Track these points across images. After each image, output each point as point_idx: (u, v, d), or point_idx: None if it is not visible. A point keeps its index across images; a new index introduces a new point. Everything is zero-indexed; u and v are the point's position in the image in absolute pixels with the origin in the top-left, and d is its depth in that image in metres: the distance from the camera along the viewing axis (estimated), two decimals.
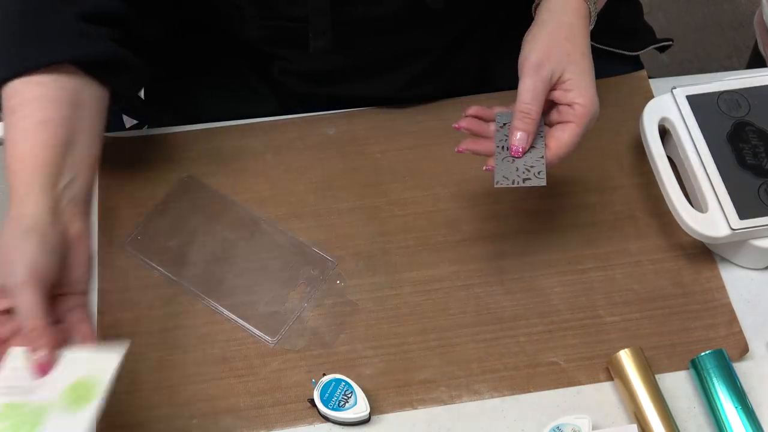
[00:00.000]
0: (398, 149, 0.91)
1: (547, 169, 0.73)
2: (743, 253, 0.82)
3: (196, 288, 0.82)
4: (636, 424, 0.73)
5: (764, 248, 0.81)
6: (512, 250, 0.85)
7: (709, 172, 0.82)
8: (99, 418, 0.75)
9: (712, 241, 0.81)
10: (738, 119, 0.85)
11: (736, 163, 0.82)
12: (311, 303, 0.81)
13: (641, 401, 0.74)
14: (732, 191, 0.81)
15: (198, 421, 0.76)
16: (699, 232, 0.80)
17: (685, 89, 0.87)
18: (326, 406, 0.74)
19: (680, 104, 0.86)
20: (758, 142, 0.84)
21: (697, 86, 0.87)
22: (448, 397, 0.77)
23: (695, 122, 0.85)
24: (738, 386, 0.74)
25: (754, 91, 0.87)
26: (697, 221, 0.80)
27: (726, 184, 0.81)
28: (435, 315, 0.81)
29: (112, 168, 0.89)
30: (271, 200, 0.88)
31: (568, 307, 0.82)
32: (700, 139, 0.84)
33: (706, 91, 0.87)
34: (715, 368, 0.75)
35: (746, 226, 0.79)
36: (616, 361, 0.76)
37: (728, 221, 0.79)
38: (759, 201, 0.80)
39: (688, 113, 0.85)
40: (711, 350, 0.76)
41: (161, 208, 0.87)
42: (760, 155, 0.83)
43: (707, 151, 0.83)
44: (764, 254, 0.82)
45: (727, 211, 0.80)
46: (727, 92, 0.87)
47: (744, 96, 0.87)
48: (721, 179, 0.81)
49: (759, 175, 0.82)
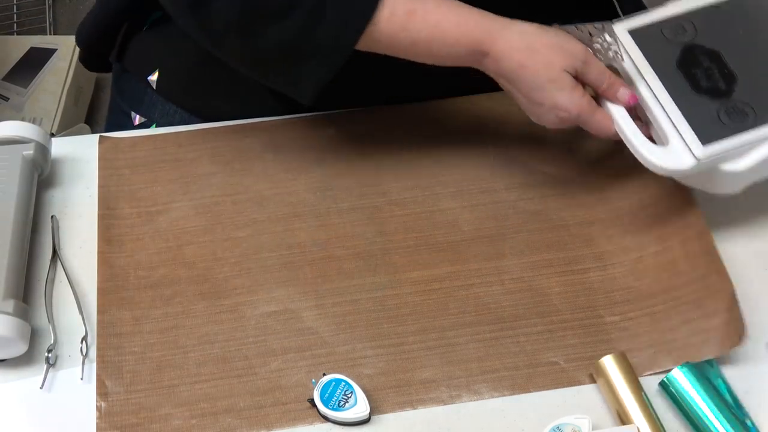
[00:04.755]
0: (398, 149, 0.91)
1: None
2: (716, 180, 0.79)
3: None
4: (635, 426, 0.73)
5: (735, 171, 0.77)
6: (512, 250, 0.85)
7: (663, 104, 0.78)
8: (99, 418, 0.75)
9: (680, 175, 0.78)
10: (686, 44, 0.81)
11: (690, 89, 0.79)
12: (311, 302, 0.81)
13: (627, 407, 0.74)
14: (691, 119, 0.77)
15: (198, 421, 0.76)
16: (664, 168, 0.76)
17: (625, 24, 0.83)
18: (326, 406, 0.74)
19: (622, 41, 0.82)
20: (710, 64, 0.80)
21: (637, 19, 0.83)
22: (448, 397, 0.77)
23: (641, 55, 0.81)
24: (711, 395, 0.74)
25: (699, 13, 0.83)
26: (660, 157, 0.76)
27: (683, 112, 0.78)
28: (435, 315, 0.81)
29: (112, 168, 0.89)
30: (271, 200, 0.88)
31: (568, 307, 0.82)
32: (649, 72, 0.80)
33: (647, 22, 0.83)
34: (682, 389, 0.74)
35: (711, 152, 0.76)
36: (599, 368, 0.76)
37: (692, 151, 0.76)
38: (720, 123, 0.77)
39: (633, 48, 0.81)
40: (678, 366, 0.75)
41: None
42: (714, 77, 0.79)
43: (658, 82, 0.79)
44: (736, 177, 0.78)
45: (689, 140, 0.76)
46: (670, 19, 0.83)
47: (688, 20, 0.82)
48: (677, 108, 0.78)
49: (716, 96, 0.78)
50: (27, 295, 0.81)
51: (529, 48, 0.76)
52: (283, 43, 0.76)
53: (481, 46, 0.77)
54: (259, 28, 0.75)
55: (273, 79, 0.81)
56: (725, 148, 0.76)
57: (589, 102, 0.78)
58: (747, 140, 0.77)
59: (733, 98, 0.79)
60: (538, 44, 0.76)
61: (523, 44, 0.76)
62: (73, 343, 0.79)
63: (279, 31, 0.75)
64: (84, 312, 0.81)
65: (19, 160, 0.84)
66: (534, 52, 0.76)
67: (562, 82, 0.76)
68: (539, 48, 0.76)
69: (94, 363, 0.78)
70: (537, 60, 0.76)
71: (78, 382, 0.77)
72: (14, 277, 0.79)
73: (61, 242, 0.85)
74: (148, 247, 0.85)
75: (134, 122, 0.99)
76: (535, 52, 0.76)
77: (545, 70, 0.76)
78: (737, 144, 0.77)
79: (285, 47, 0.76)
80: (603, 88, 0.79)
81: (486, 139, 0.92)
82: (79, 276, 0.83)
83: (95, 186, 0.89)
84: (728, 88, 0.79)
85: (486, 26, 0.77)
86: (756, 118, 0.77)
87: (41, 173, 0.88)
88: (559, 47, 0.77)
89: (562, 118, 0.78)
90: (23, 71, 1.77)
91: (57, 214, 0.87)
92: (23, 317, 0.77)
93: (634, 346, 0.79)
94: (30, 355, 0.78)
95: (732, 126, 0.77)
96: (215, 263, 0.84)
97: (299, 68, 0.78)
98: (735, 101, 0.78)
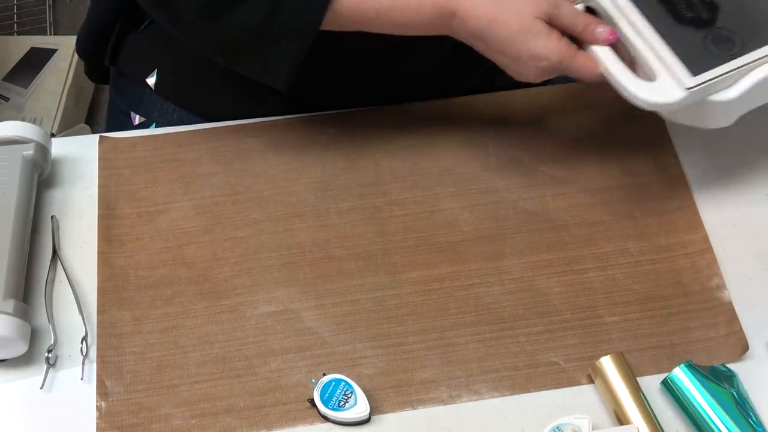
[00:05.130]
0: (398, 149, 0.91)
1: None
2: (707, 113, 0.77)
3: None
4: (635, 426, 0.73)
5: (726, 100, 0.75)
6: (512, 250, 0.85)
7: (647, 38, 0.76)
8: (99, 418, 0.75)
9: (670, 108, 0.76)
10: None
11: (672, 21, 0.77)
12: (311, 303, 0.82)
13: (625, 408, 0.74)
14: (677, 50, 0.75)
15: (198, 421, 0.76)
16: (654, 102, 0.74)
17: None
18: (326, 406, 0.74)
19: None
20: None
21: None
22: (448, 397, 0.77)
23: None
24: (715, 394, 0.74)
25: None
26: (649, 92, 0.74)
27: (668, 44, 0.76)
28: (435, 315, 0.81)
29: (112, 168, 0.89)
30: (271, 200, 0.88)
31: (568, 307, 0.82)
32: (629, 7, 0.78)
33: None
34: (684, 388, 0.74)
35: (700, 81, 0.74)
36: (598, 368, 0.76)
37: (681, 82, 0.74)
38: (707, 52, 0.75)
39: None
40: (680, 366, 0.75)
41: None
42: (696, 6, 0.77)
43: (640, 17, 0.77)
44: (727, 107, 0.77)
45: (677, 72, 0.74)
46: None
47: None
48: (661, 41, 0.76)
49: (700, 26, 0.77)
50: (27, 295, 0.81)
51: (495, 1, 0.75)
52: (250, 26, 0.76)
53: (446, 7, 0.75)
54: (225, 13, 0.76)
55: (248, 66, 0.81)
56: (714, 76, 0.74)
57: (568, 46, 0.76)
58: (735, 67, 0.75)
59: (716, 27, 0.77)
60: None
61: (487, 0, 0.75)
62: (73, 343, 0.79)
63: (244, 14, 0.76)
64: (84, 312, 0.81)
65: (19, 160, 0.84)
66: (501, 3, 0.75)
67: (535, 29, 0.75)
68: (505, 0, 0.75)
69: (94, 363, 0.78)
70: (506, 11, 0.74)
71: (78, 382, 0.78)
72: (14, 277, 0.79)
73: (61, 242, 0.85)
74: (148, 247, 0.85)
75: (134, 122, 0.99)
76: (502, 3, 0.75)
77: (516, 21, 0.74)
78: (725, 71, 0.74)
79: (253, 30, 0.76)
80: (579, 29, 0.77)
81: (486, 139, 0.92)
82: (79, 276, 0.83)
83: (95, 186, 0.89)
84: (711, 17, 0.77)
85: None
86: (743, 45, 0.76)
87: (41, 173, 0.88)
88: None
89: (543, 68, 0.76)
90: (23, 71, 1.77)
91: (57, 214, 0.87)
92: (23, 317, 0.77)
93: (635, 347, 0.79)
94: (30, 355, 0.79)
95: (719, 54, 0.75)
96: (215, 263, 0.84)
97: (269, 52, 0.78)
98: (719, 29, 0.76)
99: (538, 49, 0.75)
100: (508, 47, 0.75)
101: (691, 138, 0.92)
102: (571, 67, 0.77)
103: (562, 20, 0.76)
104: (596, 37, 0.77)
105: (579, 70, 0.77)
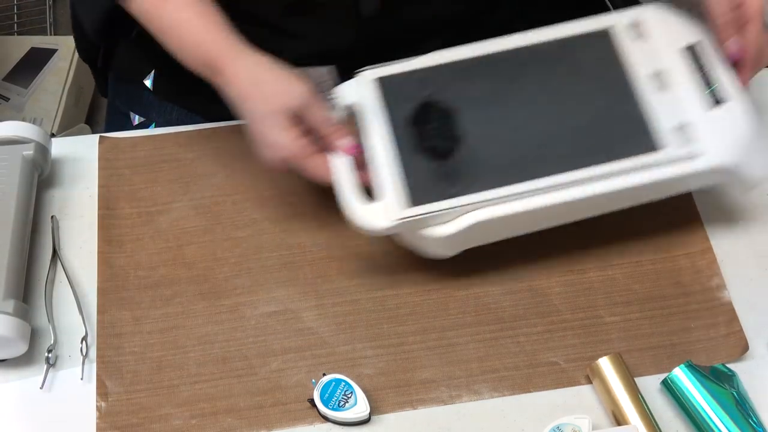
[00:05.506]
0: None
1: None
2: (423, 243, 0.77)
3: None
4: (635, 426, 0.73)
5: (438, 236, 0.75)
6: (512, 250, 0.85)
7: (384, 159, 0.76)
8: (99, 418, 0.75)
9: (379, 234, 0.75)
10: (425, 99, 0.78)
11: (415, 146, 0.76)
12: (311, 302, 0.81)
13: (623, 409, 0.74)
14: (407, 177, 0.75)
15: (198, 421, 0.76)
16: (361, 226, 0.75)
17: (375, 71, 0.80)
18: (326, 406, 0.74)
19: (367, 88, 0.79)
20: (441, 123, 0.78)
21: (388, 68, 0.80)
22: (448, 397, 0.77)
23: (380, 105, 0.78)
24: (715, 395, 0.74)
25: (444, 69, 0.80)
26: (361, 215, 0.74)
27: (402, 169, 0.75)
28: (435, 315, 0.81)
29: (112, 168, 0.89)
30: (271, 200, 0.88)
31: (568, 307, 0.82)
32: (381, 123, 0.77)
33: (396, 71, 0.80)
34: (684, 388, 0.74)
35: (411, 214, 0.73)
36: (595, 369, 0.76)
37: (394, 211, 0.74)
38: (433, 185, 0.75)
39: (375, 97, 0.79)
40: (680, 366, 0.75)
41: None
42: (441, 136, 0.77)
43: (387, 135, 0.77)
44: (442, 242, 0.76)
45: (394, 200, 0.74)
46: (416, 71, 0.80)
47: (437, 74, 0.80)
48: (395, 165, 0.75)
49: (436, 157, 0.76)
50: (27, 295, 0.82)
51: (254, 80, 0.77)
52: None
53: (216, 65, 0.78)
54: None
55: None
56: (426, 212, 0.74)
57: (302, 146, 0.76)
58: (450, 206, 0.74)
59: (451, 161, 0.76)
60: (263, 77, 0.76)
61: (249, 75, 0.77)
62: (73, 343, 0.79)
63: None
64: (84, 312, 0.81)
65: (19, 160, 0.84)
66: (257, 85, 0.76)
67: (274, 120, 0.76)
68: (263, 82, 0.76)
69: (94, 363, 0.78)
70: (258, 92, 0.76)
71: (78, 382, 0.78)
72: (14, 277, 0.79)
73: (61, 242, 0.86)
74: (148, 247, 0.85)
75: (133, 122, 0.99)
76: (258, 85, 0.76)
77: (262, 105, 0.76)
78: (439, 209, 0.74)
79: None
80: (323, 134, 0.78)
81: None
82: (79, 276, 0.83)
83: (95, 186, 0.89)
84: (449, 150, 0.77)
85: (222, 47, 0.78)
86: (467, 185, 0.75)
87: (41, 173, 0.88)
88: (283, 85, 0.76)
89: (274, 157, 0.77)
90: (24, 71, 1.77)
91: (57, 214, 0.87)
92: (23, 317, 0.77)
93: (634, 347, 0.79)
94: (30, 355, 0.79)
95: (441, 190, 0.75)
96: (215, 263, 0.84)
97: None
98: (452, 165, 0.76)
99: (272, 139, 0.76)
100: (253, 125, 0.78)
101: None
102: (302, 166, 0.77)
103: (311, 120, 0.77)
104: (337, 146, 0.77)
105: (311, 172, 0.78)
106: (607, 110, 0.78)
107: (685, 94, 0.79)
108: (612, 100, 0.79)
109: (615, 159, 0.76)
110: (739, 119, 0.78)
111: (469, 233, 0.76)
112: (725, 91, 0.78)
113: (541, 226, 0.79)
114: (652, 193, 0.79)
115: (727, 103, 0.78)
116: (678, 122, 0.77)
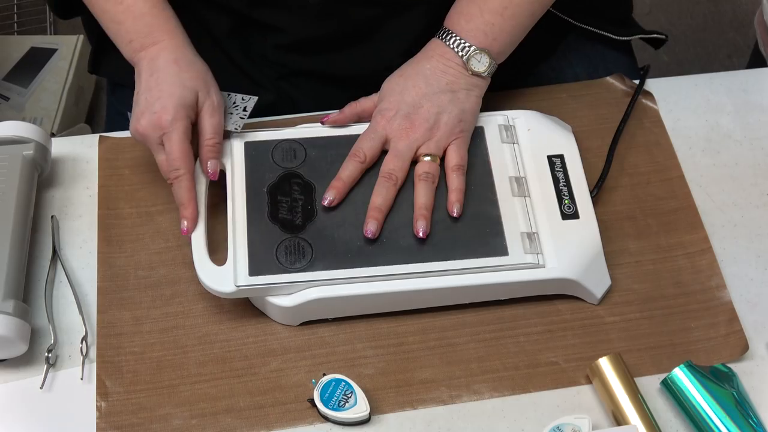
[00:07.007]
0: None
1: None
2: (270, 310, 0.79)
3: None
4: (635, 425, 0.73)
5: (281, 306, 0.77)
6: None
7: (235, 223, 0.78)
8: (99, 418, 0.75)
9: (222, 295, 0.77)
10: (288, 170, 0.82)
11: (266, 216, 0.79)
12: None
13: (623, 409, 0.74)
14: (254, 245, 0.77)
15: (198, 421, 0.76)
16: (208, 287, 0.76)
17: (246, 136, 0.83)
18: (326, 406, 0.74)
19: (235, 151, 0.83)
20: (298, 196, 0.80)
21: (258, 133, 0.84)
22: (448, 397, 0.77)
23: (243, 170, 0.81)
24: (715, 395, 0.74)
25: (312, 142, 0.84)
26: (209, 276, 0.76)
27: (248, 237, 0.78)
28: (435, 315, 0.81)
29: (112, 168, 0.89)
30: None
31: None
32: (241, 187, 0.80)
33: (264, 138, 0.83)
34: (684, 388, 0.74)
35: (250, 283, 0.76)
36: (595, 369, 0.76)
37: (236, 277, 0.76)
38: (279, 256, 0.77)
39: (240, 160, 0.82)
40: (680, 366, 0.75)
41: None
42: (294, 209, 0.79)
43: (244, 200, 0.80)
44: (286, 312, 0.78)
45: (238, 266, 0.76)
46: (286, 141, 0.83)
47: (303, 146, 0.83)
48: (245, 231, 0.78)
49: (287, 229, 0.78)
50: (27, 295, 0.82)
51: (151, 70, 0.82)
52: None
53: (143, 46, 0.83)
54: None
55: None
56: (264, 283, 0.76)
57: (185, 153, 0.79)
58: (288, 281, 0.76)
59: (300, 235, 0.78)
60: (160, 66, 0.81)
61: (150, 67, 0.82)
62: (73, 343, 0.79)
63: None
64: (84, 312, 0.81)
65: (19, 160, 0.84)
66: (153, 90, 0.81)
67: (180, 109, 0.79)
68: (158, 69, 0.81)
69: (94, 363, 0.78)
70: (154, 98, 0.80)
71: (78, 382, 0.78)
72: (14, 277, 0.79)
73: (61, 242, 0.86)
74: (148, 247, 0.85)
75: None
76: (157, 90, 0.80)
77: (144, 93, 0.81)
78: (276, 282, 0.76)
79: None
80: (203, 141, 0.81)
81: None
82: (79, 276, 0.83)
83: (95, 186, 0.89)
84: (300, 225, 0.79)
85: (149, 34, 0.82)
86: (311, 263, 0.77)
87: (41, 173, 0.88)
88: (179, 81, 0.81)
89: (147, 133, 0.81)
90: (24, 71, 1.77)
91: (57, 214, 0.87)
92: (23, 317, 0.77)
93: (634, 347, 0.79)
94: (30, 355, 0.79)
95: (285, 262, 0.77)
96: None
97: None
98: (301, 239, 0.78)
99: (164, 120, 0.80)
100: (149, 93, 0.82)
101: (691, 138, 0.93)
102: (175, 190, 0.80)
103: (201, 121, 0.82)
104: (204, 162, 0.81)
105: (181, 213, 0.79)
106: (468, 207, 0.81)
107: (540, 203, 0.81)
108: (476, 197, 0.81)
109: (460, 258, 0.78)
110: (585, 237, 0.80)
111: (310, 307, 0.78)
112: (576, 207, 0.81)
113: (387, 309, 0.80)
114: (501, 293, 0.80)
115: (576, 220, 0.81)
116: (528, 230, 0.79)
